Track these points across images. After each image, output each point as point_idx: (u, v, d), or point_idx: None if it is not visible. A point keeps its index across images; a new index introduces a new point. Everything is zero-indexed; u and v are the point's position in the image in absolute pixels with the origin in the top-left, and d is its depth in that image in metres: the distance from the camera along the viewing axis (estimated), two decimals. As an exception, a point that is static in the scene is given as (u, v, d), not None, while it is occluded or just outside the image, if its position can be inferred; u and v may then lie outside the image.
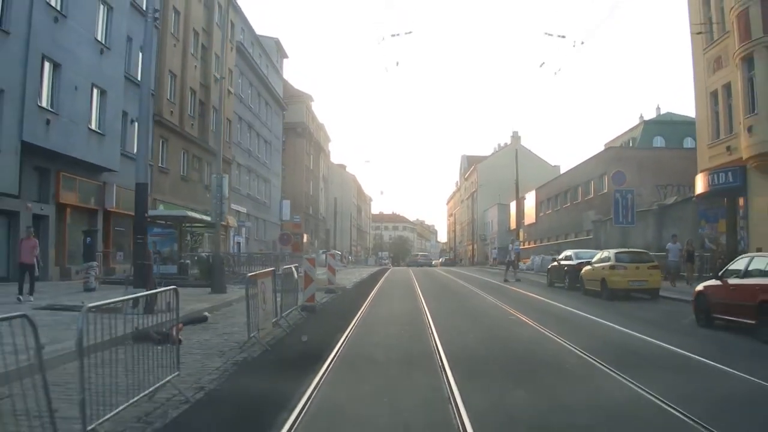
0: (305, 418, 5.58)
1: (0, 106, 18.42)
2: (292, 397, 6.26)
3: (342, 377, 7.62)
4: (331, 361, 8.26)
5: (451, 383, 6.84)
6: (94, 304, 4.97)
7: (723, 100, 23.86)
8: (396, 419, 5.76)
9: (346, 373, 7.88)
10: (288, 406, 5.90)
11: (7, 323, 4.02)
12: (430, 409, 6.13)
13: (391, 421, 5.73)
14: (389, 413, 5.97)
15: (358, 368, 8.32)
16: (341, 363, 8.35)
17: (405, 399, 6.54)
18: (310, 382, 6.88)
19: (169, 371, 6.34)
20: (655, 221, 31.54)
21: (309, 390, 6.52)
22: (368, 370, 8.21)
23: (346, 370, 8.03)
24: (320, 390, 6.66)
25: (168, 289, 6.74)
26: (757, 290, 10.47)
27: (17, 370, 4.13)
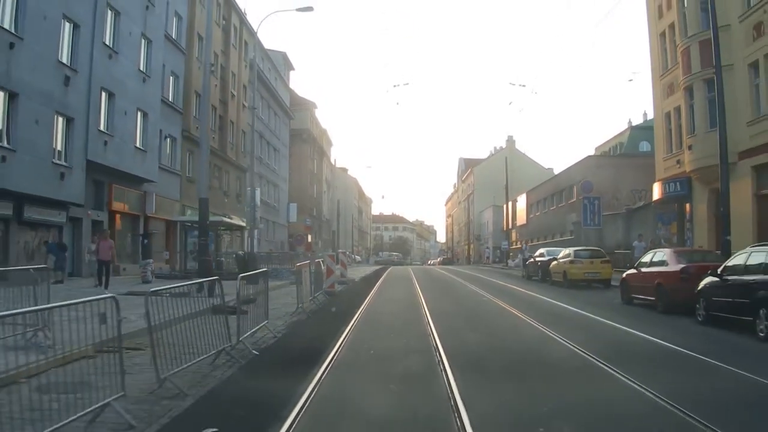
0: (344, 348, 9.63)
1: (72, 131, 22.51)
2: (335, 338, 10.32)
3: (362, 329, 11.73)
4: (354, 321, 12.40)
5: (433, 330, 10.99)
6: (156, 288, 7.11)
7: (674, 121, 27.96)
8: (403, 343, 9.97)
9: (365, 327, 12.01)
10: (332, 343, 9.93)
11: (99, 303, 5.74)
12: (421, 339, 10.31)
13: (399, 344, 9.91)
14: (398, 344, 10.10)
15: (373, 324, 12.52)
16: (361, 322, 12.51)
17: (407, 336, 10.75)
18: (343, 332, 10.97)
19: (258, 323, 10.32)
20: (624, 223, 35.68)
21: (343, 336, 10.61)
22: (380, 325, 12.43)
23: (365, 326, 12.17)
24: (348, 336, 10.74)
25: (215, 279, 10.03)
26: (655, 275, 14.64)
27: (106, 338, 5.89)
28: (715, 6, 19.73)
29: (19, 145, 19.32)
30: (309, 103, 78.27)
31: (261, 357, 8.84)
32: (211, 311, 8.95)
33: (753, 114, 22.47)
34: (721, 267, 11.98)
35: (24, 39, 19.41)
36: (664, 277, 14.35)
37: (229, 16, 43.41)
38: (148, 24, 28.53)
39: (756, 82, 22.42)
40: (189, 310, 7.78)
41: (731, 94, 23.33)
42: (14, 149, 19.15)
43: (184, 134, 34.33)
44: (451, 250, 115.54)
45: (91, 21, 23.58)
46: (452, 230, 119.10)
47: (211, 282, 10.05)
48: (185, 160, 35.03)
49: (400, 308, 15.84)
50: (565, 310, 15.19)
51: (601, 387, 7.09)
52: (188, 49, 34.99)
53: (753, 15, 22.40)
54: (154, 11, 29.28)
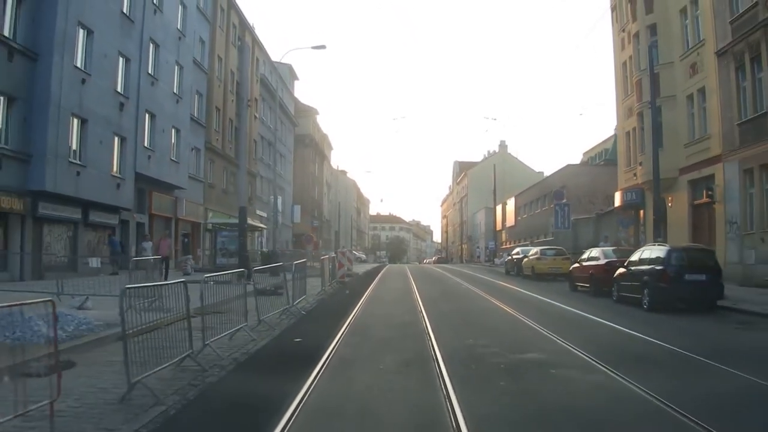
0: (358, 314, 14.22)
1: (125, 149, 27.11)
2: (353, 307, 14.96)
3: (370, 303, 16.40)
4: (364, 298, 17.05)
5: (420, 304, 15.65)
6: (211, 274, 12.19)
7: (632, 139, 32.62)
8: (398, 310, 14.63)
9: (371, 302, 16.67)
10: (351, 309, 14.54)
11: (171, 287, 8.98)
12: (411, 308, 14.97)
13: (396, 311, 14.57)
14: (395, 310, 14.75)
15: (377, 300, 17.20)
16: (368, 299, 17.18)
17: (401, 307, 15.42)
18: (357, 304, 15.62)
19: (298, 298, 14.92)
20: (594, 225, 40.37)
21: (357, 306, 15.25)
22: (382, 301, 17.09)
23: (371, 302, 16.84)
24: (361, 306, 15.39)
25: (242, 270, 14.52)
26: (590, 268, 19.33)
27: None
28: (653, 52, 24.49)
29: (88, 162, 23.90)
30: (311, 110, 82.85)
31: (308, 315, 13.58)
32: (255, 293, 12.92)
33: (689, 138, 27.22)
34: (627, 261, 16.65)
35: (91, 75, 23.99)
36: (595, 269, 19.06)
37: (243, 35, 47.94)
38: (180, 52, 33.14)
39: (691, 111, 27.12)
40: (235, 293, 11.23)
41: (673, 120, 28.22)
42: (85, 165, 23.72)
43: (206, 145, 38.90)
44: (445, 250, 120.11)
45: (138, 55, 28.13)
46: (447, 231, 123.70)
47: (249, 271, 14.73)
48: (207, 168, 39.60)
49: (397, 292, 20.53)
50: (524, 293, 19.90)
51: (525, 336, 11.59)
52: (210, 70, 39.55)
53: (690, 56, 27.11)
54: (185, 40, 33.87)
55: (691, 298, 14.55)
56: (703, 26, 26.21)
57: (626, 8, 32.81)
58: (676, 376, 7.79)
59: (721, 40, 24.27)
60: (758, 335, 11.86)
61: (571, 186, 48.90)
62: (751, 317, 13.77)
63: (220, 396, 6.74)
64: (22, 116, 20.73)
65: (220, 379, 7.48)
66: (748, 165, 22.60)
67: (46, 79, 21.35)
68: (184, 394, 6.57)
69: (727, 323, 13.10)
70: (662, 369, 8.15)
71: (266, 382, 7.48)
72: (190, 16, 34.88)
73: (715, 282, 14.87)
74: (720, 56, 24.36)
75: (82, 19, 23.30)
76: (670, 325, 12.43)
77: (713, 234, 25.36)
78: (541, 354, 9.17)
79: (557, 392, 6.92)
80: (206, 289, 9.43)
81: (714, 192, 25.08)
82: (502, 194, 67.44)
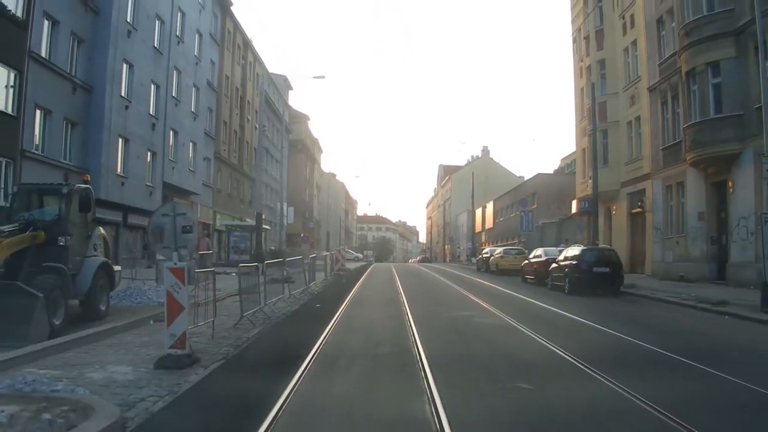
0: (355, 293, 19.44)
1: (155, 162, 32.16)
2: (351, 289, 20.16)
3: (363, 287, 21.61)
4: (358, 285, 22.26)
5: (401, 290, 20.91)
6: (244, 264, 18.21)
7: (586, 156, 38.01)
8: (385, 292, 19.86)
9: (364, 287, 21.88)
10: (349, 293, 19.70)
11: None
12: (395, 292, 20.21)
13: (383, 293, 19.79)
14: (383, 293, 19.97)
15: (368, 286, 22.40)
16: (361, 285, 22.40)
17: (387, 290, 20.67)
18: (354, 288, 20.81)
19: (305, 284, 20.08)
20: (557, 229, 45.81)
21: (353, 290, 20.44)
22: (372, 287, 22.31)
23: (364, 287, 22.05)
24: (356, 290, 20.59)
25: (258, 264, 19.87)
26: (535, 264, 24.64)
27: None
28: (594, 88, 29.83)
29: (129, 174, 28.94)
30: (303, 116, 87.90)
31: (320, 293, 18.84)
32: (271, 281, 18.42)
33: (628, 157, 32.65)
34: (559, 257, 21.95)
35: (132, 102, 29.02)
36: (538, 265, 24.38)
37: (246, 54, 53.03)
38: (197, 75, 38.21)
39: (630, 135, 32.54)
40: (263, 279, 16.98)
41: (617, 141, 33.69)
42: (126, 176, 28.76)
43: (215, 155, 43.94)
44: (430, 250, 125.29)
45: (165, 81, 33.15)
46: (432, 232, 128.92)
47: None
48: (216, 175, 44.63)
49: (383, 282, 25.76)
50: (481, 283, 25.24)
51: (466, 305, 16.90)
52: (219, 88, 44.59)
53: (630, 89, 32.54)
54: (201, 65, 38.94)
55: (599, 285, 19.83)
56: (639, 65, 31.64)
57: (582, 43, 38.19)
58: (563, 332, 12.71)
59: (652, 78, 29.66)
60: (636, 308, 17.08)
61: (541, 193, 54.38)
62: (639, 299, 19.10)
63: (283, 327, 12.06)
64: (81, 138, 25.78)
65: (281, 321, 12.75)
66: (669, 182, 28.03)
67: (100, 107, 26.39)
68: (266, 326, 11.79)
69: (620, 302, 18.36)
70: (554, 327, 13.14)
71: (305, 323, 12.73)
72: (205, 42, 39.94)
73: (617, 273, 20.24)
74: (651, 91, 29.74)
75: (126, 56, 28.33)
76: (578, 303, 17.65)
77: (645, 237, 30.82)
78: (471, 312, 14.58)
79: (475, 329, 12.18)
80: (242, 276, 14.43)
81: (644, 203, 30.56)
82: (485, 197, 72.68)
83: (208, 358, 8.50)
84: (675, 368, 8.30)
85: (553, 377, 7.79)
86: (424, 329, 11.42)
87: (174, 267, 7.98)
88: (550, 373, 8.06)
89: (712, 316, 14.93)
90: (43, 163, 22.80)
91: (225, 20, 45.82)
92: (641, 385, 6.80)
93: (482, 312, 14.79)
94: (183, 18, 35.38)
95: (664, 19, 28.47)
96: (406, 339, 10.53)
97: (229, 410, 6.10)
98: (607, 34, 35.18)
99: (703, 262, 24.75)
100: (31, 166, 21.94)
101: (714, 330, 12.75)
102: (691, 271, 25.15)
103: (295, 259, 20.94)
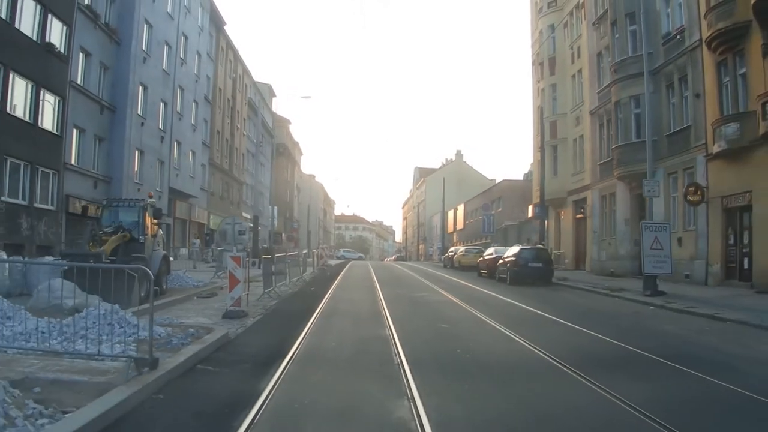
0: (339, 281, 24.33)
1: (163, 170, 36.78)
2: (337, 276, 25.05)
3: (345, 278, 26.49)
4: (340, 276, 27.20)
5: (374, 277, 25.89)
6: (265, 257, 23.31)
7: (540, 167, 43.18)
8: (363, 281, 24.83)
9: (345, 278, 26.78)
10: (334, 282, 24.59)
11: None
12: (370, 281, 25.16)
13: (362, 281, 24.75)
14: (361, 281, 24.91)
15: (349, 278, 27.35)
16: (343, 277, 27.34)
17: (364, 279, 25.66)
18: (337, 278, 25.71)
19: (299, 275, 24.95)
20: (517, 230, 51.07)
21: (337, 280, 25.32)
22: (352, 278, 27.27)
23: (347, 276, 27.01)
24: (339, 279, 25.49)
25: (257, 258, 24.78)
26: (488, 260, 29.74)
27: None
28: (541, 110, 34.98)
29: (143, 180, 33.55)
30: (285, 120, 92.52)
31: (311, 281, 23.72)
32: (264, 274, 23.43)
33: (574, 170, 37.87)
34: (505, 255, 27.01)
35: (146, 119, 33.65)
36: (490, 261, 29.45)
37: (236, 68, 57.63)
38: (197, 91, 42.87)
39: (575, 151, 37.77)
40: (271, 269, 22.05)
41: (565, 155, 38.92)
42: (141, 183, 33.36)
43: (210, 162, 48.55)
44: (405, 249, 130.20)
45: (171, 99, 37.79)
46: (407, 231, 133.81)
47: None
48: (210, 180, 49.23)
49: (361, 275, 30.69)
50: (441, 275, 30.33)
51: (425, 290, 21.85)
52: (213, 100, 49.17)
53: (576, 110, 37.76)
54: (200, 81, 43.60)
55: (534, 276, 24.90)
56: (583, 91, 36.83)
57: (539, 67, 43.37)
58: (486, 305, 17.79)
59: (592, 103, 34.86)
60: (555, 294, 22.02)
61: (506, 197, 59.57)
62: (564, 288, 24.21)
63: (292, 300, 16.94)
64: (106, 151, 30.36)
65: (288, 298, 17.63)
66: (604, 193, 33.26)
67: (122, 124, 30.98)
68: (280, 299, 16.68)
69: (547, 290, 23.35)
70: (482, 303, 18.19)
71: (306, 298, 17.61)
72: (203, 61, 44.59)
73: (548, 268, 25.37)
74: (591, 115, 34.94)
75: (142, 80, 32.96)
76: (512, 290, 22.65)
77: (586, 239, 36.07)
78: (427, 293, 19.73)
79: (425, 302, 17.24)
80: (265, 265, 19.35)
81: (586, 210, 35.81)
82: (459, 199, 77.63)
83: (252, 313, 13.42)
84: (556, 325, 13.16)
85: (465, 324, 12.87)
86: (390, 302, 16.45)
87: (234, 255, 12.83)
88: (465, 323, 13.13)
89: (609, 299, 20.06)
90: (79, 173, 27.44)
91: (219, 39, 50.45)
92: (521, 329, 11.69)
93: (435, 294, 19.88)
94: (186, 42, 40.02)
95: (603, 54, 33.61)
96: (377, 306, 15.59)
97: (275, 334, 11.00)
98: (558, 62, 40.41)
99: (627, 260, 29.89)
100: (70, 176, 26.59)
101: (602, 306, 17.87)
102: (619, 267, 30.31)
103: (293, 254, 25.77)
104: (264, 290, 16.61)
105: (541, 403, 6.61)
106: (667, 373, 8.14)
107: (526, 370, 8.15)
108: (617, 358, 9.25)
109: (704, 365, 8.35)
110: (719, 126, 22.50)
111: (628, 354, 9.51)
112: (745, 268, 21.69)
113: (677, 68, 26.16)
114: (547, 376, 7.81)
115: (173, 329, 10.31)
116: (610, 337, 10.89)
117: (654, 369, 8.41)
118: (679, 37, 26.07)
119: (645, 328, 12.90)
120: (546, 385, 7.42)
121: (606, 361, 8.97)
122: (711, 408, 6.59)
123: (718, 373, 7.76)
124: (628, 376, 7.82)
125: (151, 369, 6.86)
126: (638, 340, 10.59)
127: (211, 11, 47.15)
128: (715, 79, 23.29)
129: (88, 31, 27.83)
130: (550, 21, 40.73)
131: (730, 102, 22.50)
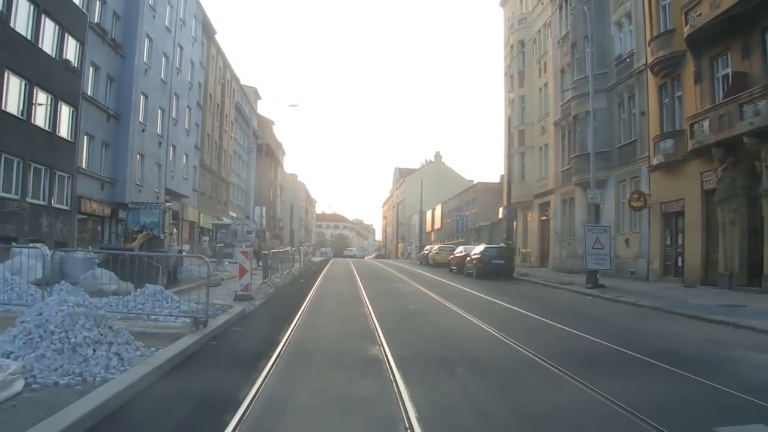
0: (325, 273, 27.48)
1: (161, 172, 39.65)
2: (322, 271, 28.20)
3: (329, 272, 29.63)
4: (325, 272, 30.36)
5: (354, 270, 29.10)
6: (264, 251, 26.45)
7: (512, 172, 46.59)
8: (346, 272, 28.02)
9: (330, 274, 29.92)
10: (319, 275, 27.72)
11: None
12: (350, 272, 28.34)
13: (345, 273, 27.95)
14: (345, 273, 28.12)
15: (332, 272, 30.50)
16: (328, 270, 30.48)
17: (346, 272, 28.86)
18: (322, 272, 28.86)
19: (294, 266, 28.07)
20: (489, 231, 54.46)
21: (322, 274, 28.46)
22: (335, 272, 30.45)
23: (331, 271, 30.15)
24: (325, 272, 28.63)
25: (268, 251, 27.96)
26: (458, 258, 33.02)
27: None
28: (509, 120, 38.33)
29: (143, 182, 36.43)
30: (269, 121, 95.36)
31: (299, 274, 26.86)
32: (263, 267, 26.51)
33: (539, 175, 41.29)
34: (472, 252, 30.28)
35: (146, 125, 36.52)
36: (459, 258, 32.74)
37: (225, 74, 60.48)
38: (190, 98, 45.76)
39: (541, 158, 41.17)
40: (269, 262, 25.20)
41: (532, 162, 42.34)
42: (142, 185, 36.23)
43: (201, 164, 51.43)
44: (385, 248, 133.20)
45: (168, 106, 40.63)
46: (387, 230, 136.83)
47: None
48: (201, 181, 52.10)
49: (344, 270, 33.85)
50: (415, 270, 33.61)
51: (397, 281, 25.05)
52: (204, 105, 52.03)
53: (542, 121, 41.15)
54: (193, 89, 46.49)
55: (497, 272, 28.20)
56: (548, 103, 40.19)
57: (510, 79, 46.71)
58: (449, 293, 21.09)
59: (556, 115, 38.24)
60: (513, 287, 25.24)
61: (481, 199, 62.85)
62: (524, 282, 27.54)
63: (288, 288, 20.08)
64: (112, 156, 33.23)
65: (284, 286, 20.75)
66: (565, 197, 36.65)
67: (126, 131, 33.85)
68: (277, 288, 19.83)
69: (506, 283, 26.58)
70: (446, 292, 21.43)
71: (298, 287, 20.74)
72: (196, 69, 47.49)
73: (509, 265, 28.71)
74: (555, 126, 38.31)
75: (143, 89, 35.84)
76: (475, 282, 25.89)
77: (549, 239, 39.47)
78: (400, 285, 23.02)
79: (397, 291, 20.50)
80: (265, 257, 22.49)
81: (549, 212, 39.21)
82: (438, 198, 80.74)
83: (257, 297, 16.54)
84: (504, 308, 16.42)
85: (430, 306, 16.17)
86: (369, 291, 19.72)
87: (243, 250, 15.94)
88: (428, 307, 16.40)
89: (557, 290, 23.42)
90: (89, 176, 30.31)
91: (210, 47, 53.35)
92: (474, 310, 14.93)
93: (408, 285, 23.17)
94: (181, 52, 42.93)
95: (565, 70, 36.97)
96: (358, 294, 18.84)
97: (281, 310, 14.13)
98: (527, 75, 43.80)
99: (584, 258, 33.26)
100: (81, 179, 29.45)
101: (549, 296, 21.18)
102: (577, 265, 33.51)
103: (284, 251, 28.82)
104: (263, 280, 19.67)
105: (472, 348, 9.79)
106: (567, 337, 11.38)
107: (468, 336, 11.31)
108: (537, 330, 12.47)
109: (599, 332, 11.54)
110: (659, 141, 25.93)
111: (549, 327, 12.67)
112: (679, 266, 25.08)
113: (627, 88, 29.56)
114: (485, 338, 10.98)
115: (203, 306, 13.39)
116: (542, 316, 14.11)
117: (562, 336, 11.61)
118: (628, 61, 29.46)
119: (575, 312, 16.12)
120: (483, 342, 10.58)
121: (528, 329, 12.23)
122: (578, 352, 9.79)
123: (604, 337, 10.91)
124: (540, 341, 10.90)
125: (204, 327, 9.97)
126: (563, 318, 13.76)
127: (204, 22, 50.04)
128: (657, 100, 26.71)
129: (98, 46, 30.68)
130: (520, 37, 44.01)
131: (668, 121, 26.00)
